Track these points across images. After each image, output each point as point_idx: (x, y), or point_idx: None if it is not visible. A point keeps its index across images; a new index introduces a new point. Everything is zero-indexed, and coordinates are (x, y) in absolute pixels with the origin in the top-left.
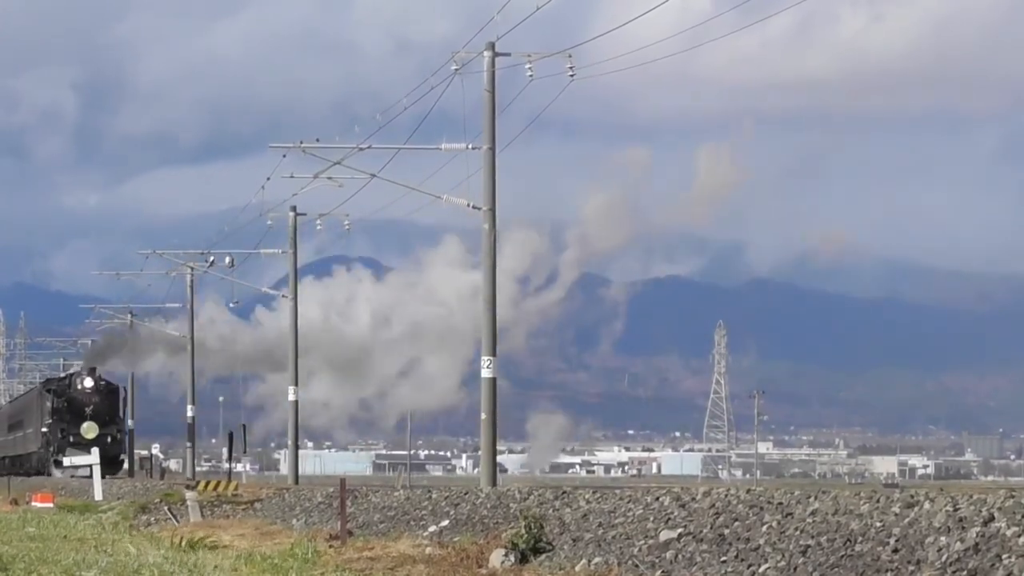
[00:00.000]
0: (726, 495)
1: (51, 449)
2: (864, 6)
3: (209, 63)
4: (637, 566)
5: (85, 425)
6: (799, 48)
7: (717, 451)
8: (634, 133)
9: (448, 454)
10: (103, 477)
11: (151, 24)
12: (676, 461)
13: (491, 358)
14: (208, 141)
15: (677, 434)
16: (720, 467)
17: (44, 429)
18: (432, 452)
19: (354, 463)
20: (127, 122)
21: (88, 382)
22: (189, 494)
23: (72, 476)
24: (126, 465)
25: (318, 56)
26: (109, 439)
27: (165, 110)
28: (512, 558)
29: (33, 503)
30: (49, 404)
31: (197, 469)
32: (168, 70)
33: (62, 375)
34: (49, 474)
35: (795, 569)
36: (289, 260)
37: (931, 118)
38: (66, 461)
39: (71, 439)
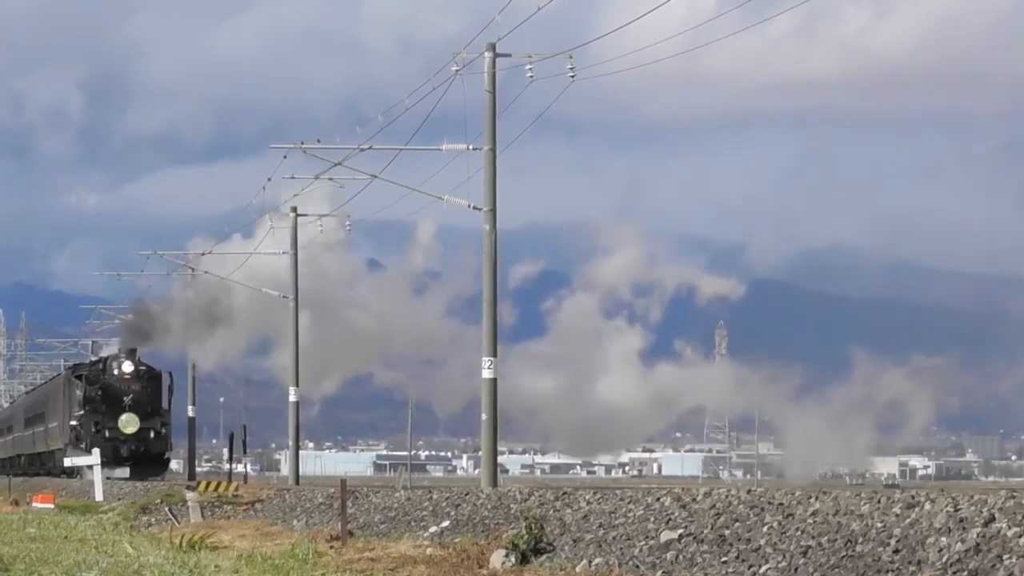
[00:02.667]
0: (727, 496)
1: (82, 445)
2: (868, 5)
3: (214, 63)
4: (638, 567)
5: (124, 417)
6: (802, 47)
7: (718, 452)
8: (638, 133)
9: (449, 454)
10: (144, 478)
11: (156, 24)
12: (677, 462)
13: (491, 359)
14: (212, 141)
15: (678, 434)
16: (721, 468)
17: (74, 422)
18: (433, 453)
19: (355, 463)
20: (131, 122)
21: (127, 366)
22: (190, 495)
23: (107, 478)
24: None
25: (324, 56)
26: (152, 434)
27: (170, 110)
28: (513, 559)
29: (34, 504)
30: (80, 393)
31: (197, 470)
32: (173, 70)
33: (94, 359)
34: (77, 475)
35: (796, 570)
36: (290, 261)
37: (934, 117)
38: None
39: (106, 434)
